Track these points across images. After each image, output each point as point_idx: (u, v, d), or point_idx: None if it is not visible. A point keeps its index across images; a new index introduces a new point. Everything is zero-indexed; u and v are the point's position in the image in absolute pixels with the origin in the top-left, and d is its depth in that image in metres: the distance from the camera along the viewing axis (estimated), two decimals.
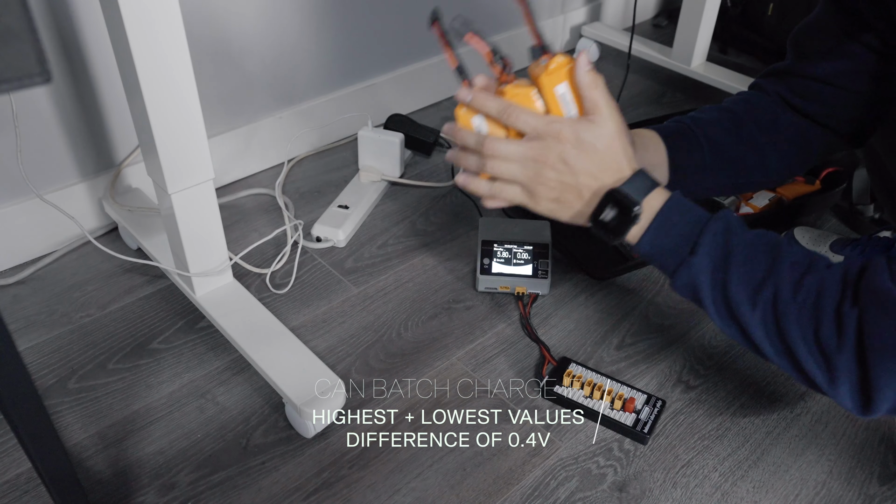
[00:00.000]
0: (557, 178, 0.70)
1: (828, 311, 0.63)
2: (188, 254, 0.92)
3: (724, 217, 0.70)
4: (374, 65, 1.43)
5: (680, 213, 0.70)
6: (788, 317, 0.64)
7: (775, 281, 0.65)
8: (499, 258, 1.06)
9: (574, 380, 0.91)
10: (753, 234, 0.69)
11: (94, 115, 1.10)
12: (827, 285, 0.64)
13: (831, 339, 0.63)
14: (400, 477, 0.83)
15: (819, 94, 0.85)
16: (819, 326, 0.63)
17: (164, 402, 0.91)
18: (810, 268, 0.66)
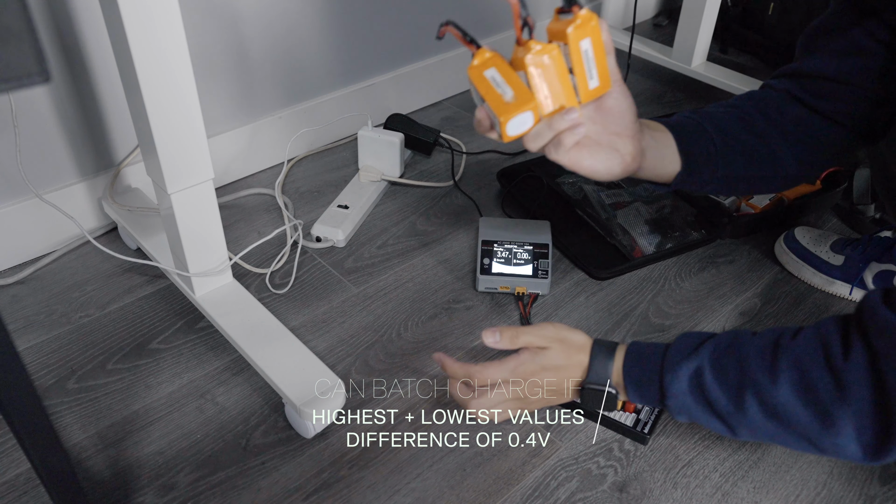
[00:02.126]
0: (545, 397, 0.80)
1: (815, 374, 0.63)
2: (188, 254, 0.92)
3: (679, 343, 0.73)
4: (374, 65, 1.43)
5: (639, 364, 0.74)
6: (779, 401, 0.65)
7: (750, 381, 0.66)
8: (499, 258, 1.06)
9: None
10: (713, 342, 0.71)
11: (94, 115, 1.10)
12: (803, 354, 0.65)
13: (830, 396, 0.62)
14: (400, 477, 0.83)
15: (831, 93, 0.84)
16: (815, 392, 0.63)
17: (163, 403, 0.91)
18: (777, 348, 0.66)
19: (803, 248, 1.11)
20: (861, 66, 0.82)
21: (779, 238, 1.16)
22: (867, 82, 0.83)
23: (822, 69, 0.85)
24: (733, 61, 1.74)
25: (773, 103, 0.87)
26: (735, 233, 1.19)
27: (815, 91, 0.85)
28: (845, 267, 1.07)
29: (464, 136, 1.46)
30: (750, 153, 0.85)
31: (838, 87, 0.84)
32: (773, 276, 1.12)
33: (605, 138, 0.75)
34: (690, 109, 0.89)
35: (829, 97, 0.84)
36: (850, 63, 0.83)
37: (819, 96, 0.85)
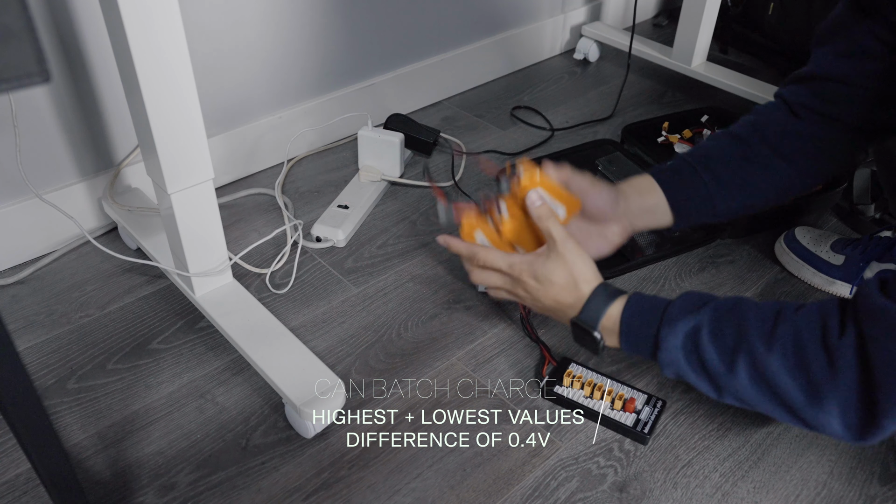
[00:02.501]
0: (532, 302, 0.83)
1: (811, 348, 0.64)
2: (188, 254, 0.92)
3: (682, 301, 0.73)
4: (374, 64, 1.43)
5: (639, 315, 0.75)
6: (770, 369, 0.65)
7: (746, 344, 0.67)
8: None
9: (574, 380, 0.91)
10: (714, 305, 0.71)
11: (94, 115, 1.10)
12: (802, 327, 0.65)
13: (822, 372, 0.63)
14: (400, 477, 0.83)
15: (843, 96, 0.85)
16: (807, 365, 0.64)
17: (163, 403, 0.91)
18: (779, 317, 0.67)
19: (803, 248, 1.11)
20: (865, 68, 0.83)
21: (779, 238, 1.16)
22: (877, 84, 0.83)
23: (833, 72, 0.85)
24: (733, 61, 1.74)
25: (774, 126, 0.89)
26: (735, 233, 1.19)
27: (826, 96, 0.86)
28: (845, 267, 1.07)
29: (464, 136, 1.46)
30: (749, 185, 0.89)
31: (848, 90, 0.85)
32: (773, 276, 1.12)
33: (593, 230, 0.89)
34: (691, 150, 0.93)
35: (841, 101, 0.86)
36: (853, 64, 0.83)
37: (831, 101, 0.86)
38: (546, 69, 1.74)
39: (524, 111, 1.55)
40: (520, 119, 1.52)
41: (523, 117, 1.53)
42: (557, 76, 1.71)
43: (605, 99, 1.61)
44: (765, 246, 1.18)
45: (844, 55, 0.84)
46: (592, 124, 1.51)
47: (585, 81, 1.69)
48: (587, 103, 1.59)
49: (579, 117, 1.53)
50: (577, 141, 1.44)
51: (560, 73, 1.72)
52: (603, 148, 1.39)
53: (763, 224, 1.20)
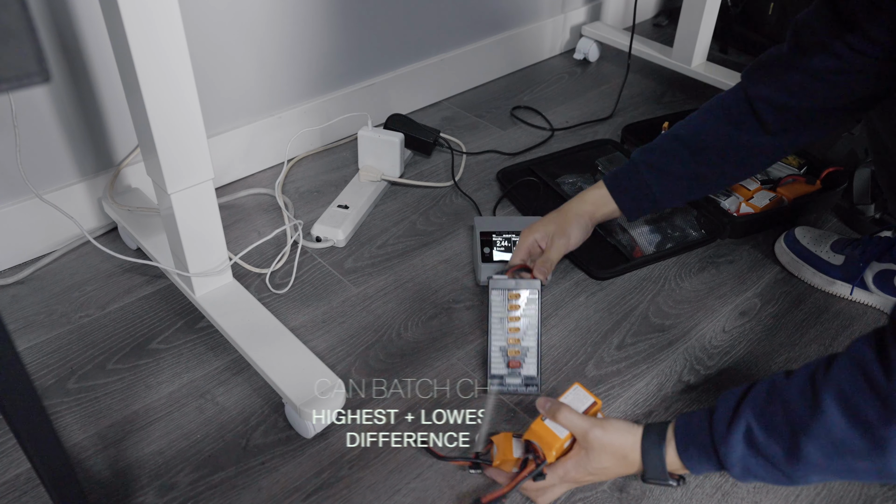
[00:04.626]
0: (604, 480, 0.79)
1: (859, 399, 0.61)
2: (188, 254, 0.92)
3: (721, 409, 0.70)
4: (374, 64, 1.43)
5: (693, 447, 0.71)
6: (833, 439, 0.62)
7: (800, 426, 0.64)
8: (499, 247, 1.07)
9: None
10: (752, 398, 0.68)
11: (94, 115, 1.10)
12: (843, 383, 0.62)
13: (879, 418, 0.60)
14: (400, 477, 0.83)
15: (809, 91, 0.87)
16: (864, 419, 0.61)
17: (163, 403, 0.91)
18: (814, 386, 0.64)
19: (803, 248, 1.11)
20: (842, 68, 0.84)
21: (779, 238, 1.16)
22: (847, 82, 0.85)
23: (807, 63, 0.86)
24: (733, 61, 1.74)
25: (717, 138, 0.94)
26: (735, 233, 1.19)
27: (793, 88, 0.88)
28: (845, 267, 1.06)
29: (464, 136, 1.46)
30: (693, 183, 0.97)
31: (817, 85, 0.87)
32: (773, 276, 1.12)
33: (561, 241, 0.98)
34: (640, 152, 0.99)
35: (807, 95, 0.88)
36: (831, 63, 0.84)
37: (795, 94, 0.88)
38: (546, 69, 1.74)
39: (524, 111, 1.55)
40: (520, 119, 1.52)
41: (523, 117, 1.53)
42: (557, 76, 1.71)
43: (605, 99, 1.61)
44: (765, 246, 1.18)
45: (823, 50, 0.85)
46: (592, 124, 1.51)
47: (585, 81, 1.69)
48: (587, 103, 1.59)
49: (579, 117, 1.53)
50: (577, 141, 1.44)
51: (560, 73, 1.72)
52: (603, 148, 1.39)
53: (763, 224, 1.20)
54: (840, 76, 0.85)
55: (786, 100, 0.89)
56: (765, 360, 0.99)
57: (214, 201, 0.91)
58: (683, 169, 0.96)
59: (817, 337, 1.02)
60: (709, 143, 0.94)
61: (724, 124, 0.93)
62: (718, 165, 0.95)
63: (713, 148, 0.94)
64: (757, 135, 0.92)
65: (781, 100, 0.89)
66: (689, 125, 0.97)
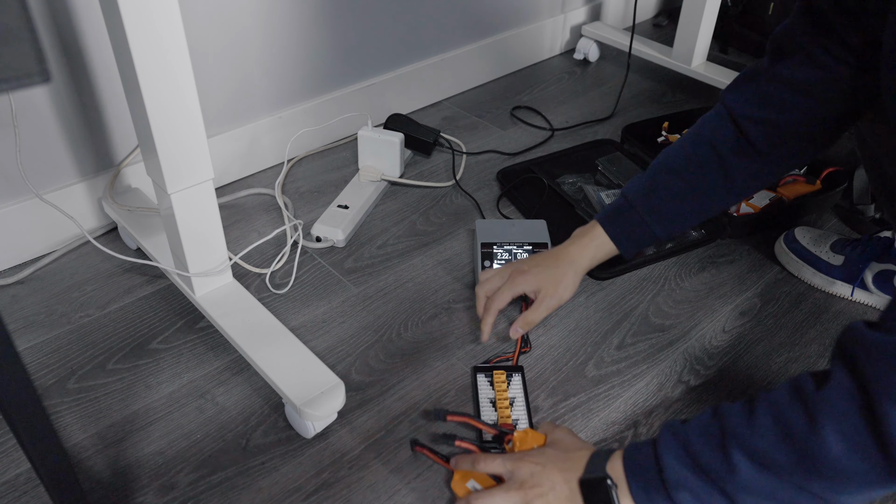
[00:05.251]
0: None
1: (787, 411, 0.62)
2: (188, 254, 0.92)
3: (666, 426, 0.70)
4: (374, 64, 1.43)
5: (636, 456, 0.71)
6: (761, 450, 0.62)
7: (732, 435, 0.64)
8: (499, 260, 1.06)
9: None
10: (696, 416, 0.69)
11: (94, 115, 1.10)
12: (776, 397, 0.64)
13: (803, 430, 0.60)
14: (400, 477, 0.83)
15: (790, 103, 0.86)
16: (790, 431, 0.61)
17: (163, 403, 0.91)
18: (754, 400, 0.65)
19: (803, 249, 1.11)
20: (821, 79, 0.83)
21: (779, 238, 1.16)
22: (826, 94, 0.84)
23: (786, 74, 0.86)
24: (733, 61, 1.74)
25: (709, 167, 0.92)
26: (735, 233, 1.19)
27: (770, 100, 0.87)
28: (845, 267, 1.07)
29: (464, 136, 1.46)
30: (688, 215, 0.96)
31: (795, 98, 0.85)
32: (773, 276, 1.12)
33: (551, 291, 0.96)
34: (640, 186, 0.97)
35: (784, 108, 0.87)
36: (811, 74, 0.84)
37: (773, 106, 0.87)
38: (546, 69, 1.74)
39: (524, 111, 1.55)
40: (520, 119, 1.52)
41: (523, 117, 1.53)
42: (557, 76, 1.71)
43: (605, 99, 1.61)
44: (765, 246, 1.18)
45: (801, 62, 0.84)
46: (592, 124, 1.51)
47: (585, 81, 1.69)
48: (587, 103, 1.59)
49: (579, 117, 1.53)
50: (577, 141, 1.44)
51: (560, 73, 1.72)
52: (603, 148, 1.39)
53: (763, 224, 1.20)
54: (820, 86, 0.83)
55: (768, 114, 0.87)
56: (765, 360, 0.99)
57: (214, 201, 0.91)
58: (682, 205, 0.94)
59: (817, 337, 1.02)
60: (705, 173, 0.92)
61: (715, 150, 0.91)
62: (718, 194, 0.93)
63: (709, 177, 0.92)
64: (749, 156, 0.90)
65: (764, 115, 0.87)
66: (680, 155, 0.94)
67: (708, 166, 0.92)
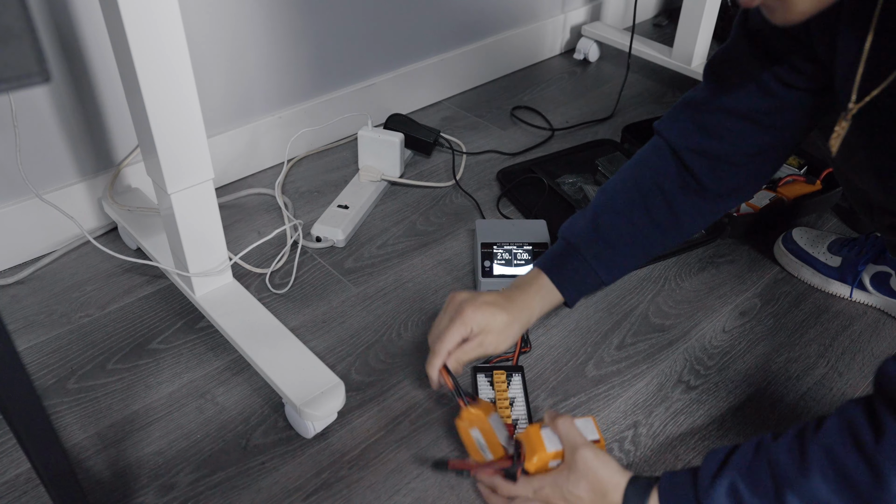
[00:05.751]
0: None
1: (849, 461, 0.59)
2: (188, 254, 0.92)
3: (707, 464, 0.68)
4: (374, 64, 1.43)
5: (675, 499, 0.68)
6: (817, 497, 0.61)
7: (786, 482, 0.62)
8: (499, 260, 1.06)
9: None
10: (738, 455, 0.67)
11: (94, 115, 1.10)
12: (832, 444, 0.61)
13: (866, 483, 0.58)
14: (400, 477, 0.83)
15: (730, 131, 0.83)
16: (851, 481, 0.59)
17: (163, 403, 0.91)
18: (803, 441, 0.63)
19: (801, 249, 1.11)
20: (764, 105, 0.80)
21: (777, 240, 1.15)
22: (770, 120, 0.81)
23: (726, 103, 0.82)
24: None
25: (658, 197, 0.87)
26: (735, 233, 1.19)
27: (712, 130, 0.84)
28: (843, 268, 1.07)
29: (464, 136, 1.46)
30: (637, 255, 0.91)
31: (738, 124, 0.82)
32: (773, 276, 1.13)
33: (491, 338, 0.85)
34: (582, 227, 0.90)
35: (726, 137, 0.83)
36: (753, 101, 0.81)
37: (714, 135, 0.84)
38: (546, 69, 1.74)
39: (524, 111, 1.55)
40: (520, 119, 1.52)
41: (523, 117, 1.53)
42: (557, 76, 1.71)
43: (605, 99, 1.61)
44: (765, 246, 1.18)
45: (742, 89, 0.81)
46: (592, 124, 1.51)
47: (585, 81, 1.69)
48: (587, 103, 1.59)
49: (579, 117, 1.53)
50: (577, 141, 1.44)
51: (560, 73, 1.72)
52: (603, 148, 1.39)
53: (763, 224, 1.20)
54: (770, 115, 0.81)
55: (710, 145, 0.84)
56: (765, 360, 0.99)
57: (214, 201, 0.91)
58: (628, 248, 0.89)
59: (817, 337, 1.02)
60: (651, 213, 0.88)
61: (660, 188, 0.87)
62: (666, 235, 0.90)
63: (656, 217, 0.88)
64: (695, 193, 0.87)
65: (706, 145, 0.84)
66: (624, 194, 0.89)
67: (654, 206, 0.87)
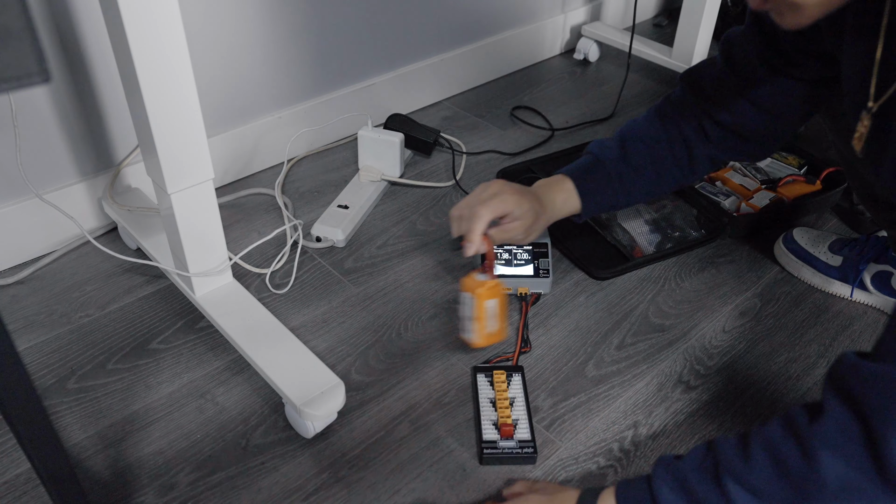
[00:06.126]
0: None
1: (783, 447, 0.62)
2: (188, 254, 0.92)
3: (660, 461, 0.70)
4: (374, 64, 1.43)
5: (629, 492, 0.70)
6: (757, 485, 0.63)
7: (728, 468, 0.64)
8: (499, 260, 1.06)
9: None
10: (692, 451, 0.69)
11: (94, 115, 1.10)
12: (769, 432, 0.64)
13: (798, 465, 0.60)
14: (400, 477, 0.83)
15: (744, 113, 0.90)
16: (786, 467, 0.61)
17: (163, 403, 0.91)
18: (748, 436, 0.65)
19: (802, 249, 1.11)
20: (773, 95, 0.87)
21: (777, 240, 1.15)
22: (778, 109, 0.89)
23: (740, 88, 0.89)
24: None
25: (682, 144, 0.95)
26: (735, 233, 1.19)
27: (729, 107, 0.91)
28: (844, 268, 1.07)
29: (464, 136, 1.46)
30: (652, 186, 0.98)
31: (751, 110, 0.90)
32: (773, 276, 1.12)
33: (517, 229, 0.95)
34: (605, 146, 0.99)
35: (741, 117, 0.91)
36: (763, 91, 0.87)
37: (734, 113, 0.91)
38: (546, 69, 1.74)
39: (524, 111, 1.55)
40: (520, 119, 1.52)
41: (523, 117, 1.53)
42: (557, 76, 1.71)
43: (605, 99, 1.61)
44: (765, 246, 1.18)
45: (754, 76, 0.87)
46: (592, 124, 1.51)
47: (585, 81, 1.69)
48: (587, 103, 1.59)
49: (579, 117, 1.53)
50: (577, 141, 1.44)
51: (560, 73, 1.72)
52: None
53: (763, 224, 1.20)
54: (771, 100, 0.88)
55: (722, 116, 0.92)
56: (765, 360, 0.99)
57: (214, 201, 0.91)
58: (644, 175, 0.97)
59: (817, 337, 1.02)
60: (673, 147, 0.96)
61: (681, 131, 0.95)
62: (678, 172, 0.98)
63: (675, 153, 0.96)
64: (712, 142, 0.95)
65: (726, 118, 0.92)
66: (650, 128, 0.97)
67: (674, 140, 0.95)
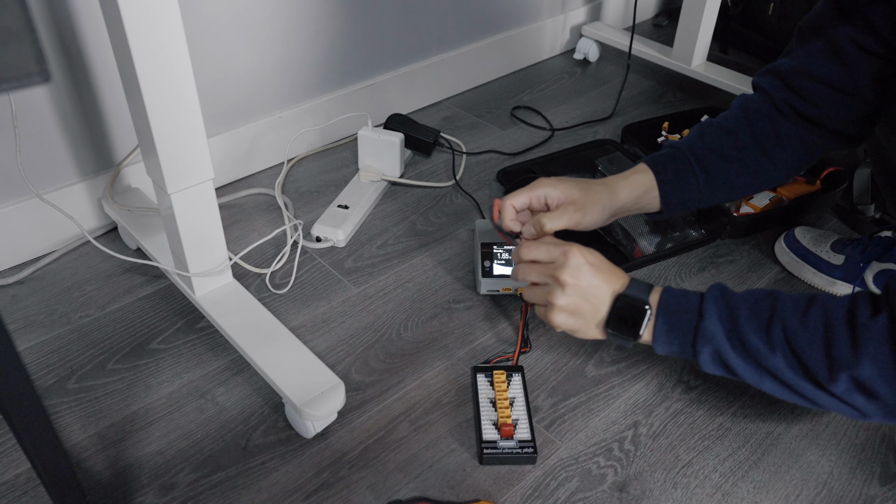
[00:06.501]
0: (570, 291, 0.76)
1: (837, 326, 0.64)
2: (188, 254, 0.92)
3: (717, 286, 0.73)
4: (374, 64, 1.43)
5: (677, 299, 0.74)
6: (800, 344, 0.66)
7: (781, 319, 0.67)
8: (499, 260, 1.06)
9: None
10: (748, 291, 0.72)
11: (94, 115, 1.10)
12: (832, 307, 0.66)
13: (844, 351, 0.64)
14: (400, 477, 0.83)
15: (821, 98, 0.87)
16: (831, 342, 0.64)
17: (163, 403, 0.91)
18: (812, 300, 0.68)
19: (804, 248, 1.11)
20: (849, 73, 0.84)
21: (779, 238, 1.15)
22: (855, 88, 0.84)
23: (815, 71, 0.86)
24: (733, 61, 1.74)
25: (767, 123, 0.90)
26: (735, 233, 1.19)
27: (805, 95, 0.88)
28: (846, 267, 1.07)
29: (464, 136, 1.46)
30: (732, 181, 0.92)
31: (827, 91, 0.86)
32: (773, 276, 1.12)
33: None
34: (687, 140, 0.93)
35: (819, 103, 0.87)
36: (838, 69, 0.84)
37: (809, 101, 0.88)
38: (546, 69, 1.74)
39: (524, 111, 1.55)
40: (520, 119, 1.52)
41: (523, 117, 1.53)
42: (557, 76, 1.71)
43: (605, 99, 1.61)
44: (765, 246, 1.18)
45: (828, 57, 0.85)
46: (592, 124, 1.51)
47: (585, 81, 1.69)
48: (587, 103, 1.59)
49: (579, 117, 1.53)
50: (577, 141, 1.44)
51: (560, 73, 1.72)
52: (603, 148, 1.39)
53: (763, 224, 1.20)
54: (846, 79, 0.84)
55: (801, 106, 0.89)
56: None
57: (214, 201, 0.91)
58: (729, 168, 0.91)
59: None
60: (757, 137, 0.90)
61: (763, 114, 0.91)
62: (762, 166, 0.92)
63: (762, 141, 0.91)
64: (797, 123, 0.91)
65: (798, 106, 0.89)
66: (728, 116, 0.92)
67: (758, 127, 0.90)
